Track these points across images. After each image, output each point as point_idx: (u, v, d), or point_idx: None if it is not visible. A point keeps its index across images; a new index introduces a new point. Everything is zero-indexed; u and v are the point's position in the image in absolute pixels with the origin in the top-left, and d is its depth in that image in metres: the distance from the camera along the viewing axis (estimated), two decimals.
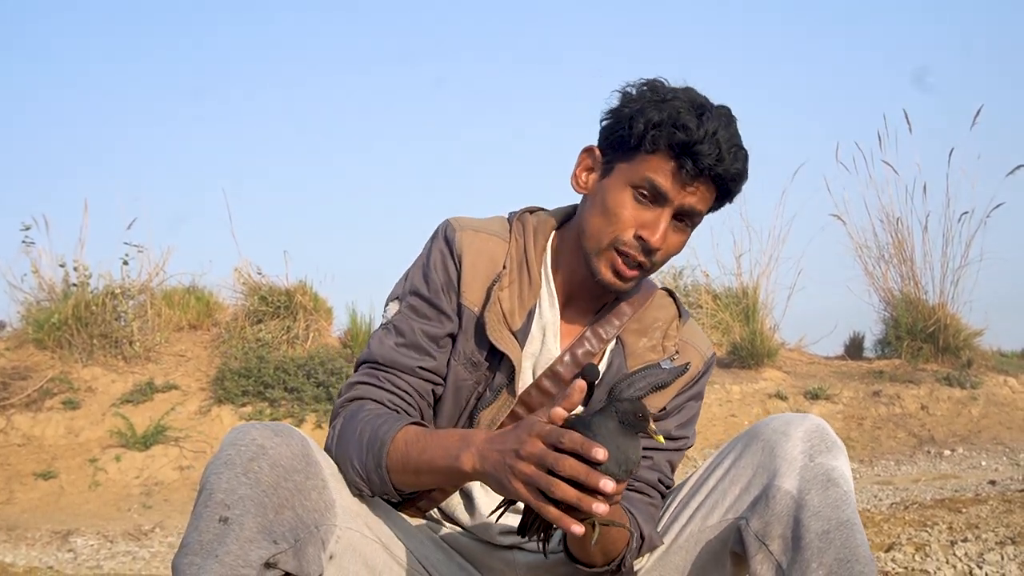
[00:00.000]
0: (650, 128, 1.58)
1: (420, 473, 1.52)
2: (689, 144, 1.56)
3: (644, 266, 1.65)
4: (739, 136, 1.62)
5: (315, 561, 1.47)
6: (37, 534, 5.07)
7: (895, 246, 9.61)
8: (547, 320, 1.72)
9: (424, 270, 1.71)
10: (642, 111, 1.60)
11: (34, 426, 6.48)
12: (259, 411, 6.73)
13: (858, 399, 8.26)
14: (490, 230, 1.74)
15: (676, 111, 1.58)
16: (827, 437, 1.59)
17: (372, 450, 1.53)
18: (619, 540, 1.58)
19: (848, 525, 1.51)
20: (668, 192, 1.59)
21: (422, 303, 1.69)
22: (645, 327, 1.76)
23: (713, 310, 9.35)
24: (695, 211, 1.63)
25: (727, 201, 1.68)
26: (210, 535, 1.40)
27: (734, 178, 1.62)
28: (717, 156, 1.57)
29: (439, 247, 1.71)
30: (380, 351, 1.67)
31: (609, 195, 1.64)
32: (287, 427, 1.52)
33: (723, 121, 1.59)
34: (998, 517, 4.00)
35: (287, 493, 1.45)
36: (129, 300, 7.71)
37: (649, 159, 1.60)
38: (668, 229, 1.62)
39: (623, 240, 1.62)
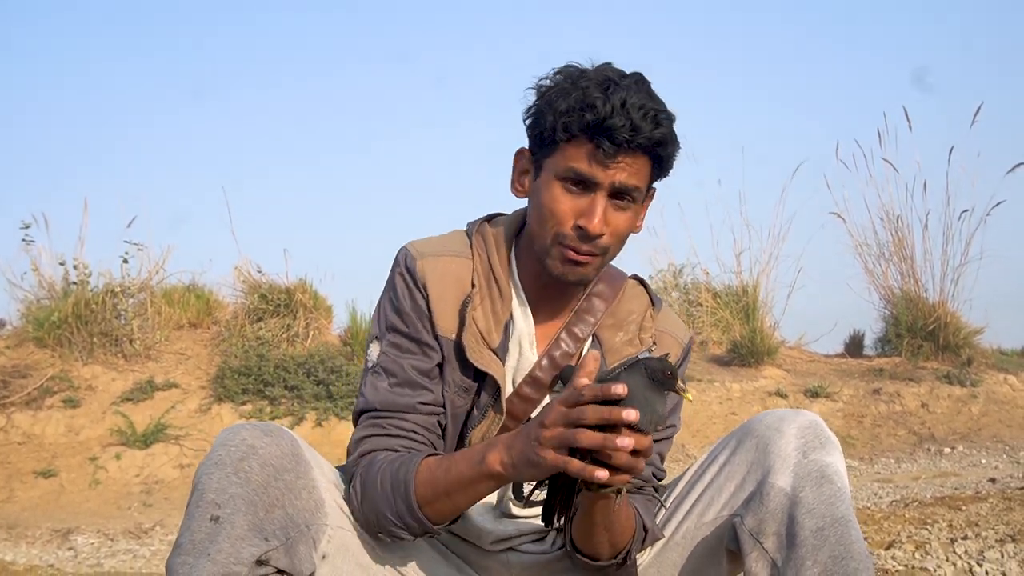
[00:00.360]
0: (560, 117, 1.56)
1: (451, 494, 1.51)
2: (600, 122, 1.52)
3: (594, 254, 1.61)
4: (654, 100, 1.57)
5: (307, 559, 1.49)
6: (37, 532, 5.07)
7: (895, 244, 9.61)
8: (521, 330, 1.70)
9: (394, 305, 1.68)
10: (550, 103, 1.58)
11: (34, 424, 6.48)
12: (259, 409, 6.73)
13: (858, 397, 8.26)
14: (451, 250, 1.71)
15: (582, 93, 1.54)
16: (821, 433, 1.59)
17: (399, 494, 1.52)
18: (626, 529, 1.59)
19: (843, 522, 1.51)
20: (593, 176, 1.56)
21: (402, 339, 1.66)
22: (620, 321, 1.74)
23: (713, 308, 9.35)
24: (630, 187, 1.58)
25: (666, 167, 1.63)
26: (202, 534, 1.41)
27: (659, 143, 1.56)
28: (631, 126, 1.52)
29: (402, 280, 1.68)
30: (376, 397, 1.64)
31: (543, 193, 1.61)
32: (277, 427, 1.53)
33: (632, 89, 1.54)
34: (998, 515, 4.00)
35: (277, 492, 1.46)
36: (129, 298, 7.70)
37: (568, 148, 1.57)
38: (605, 212, 1.57)
39: (564, 234, 1.59)
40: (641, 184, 1.60)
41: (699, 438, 7.25)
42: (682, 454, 6.94)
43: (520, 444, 1.42)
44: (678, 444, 7.16)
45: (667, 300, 9.60)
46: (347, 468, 1.62)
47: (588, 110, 1.53)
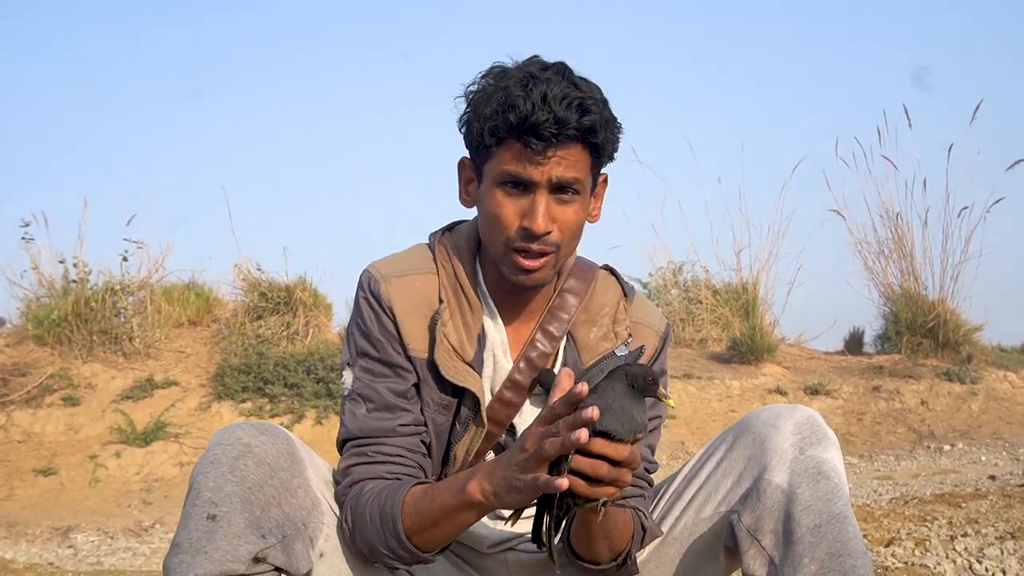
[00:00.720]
0: (486, 123, 1.53)
1: (438, 524, 1.50)
2: (524, 121, 1.49)
3: (547, 252, 1.58)
4: (579, 88, 1.52)
5: (303, 557, 1.49)
6: (37, 530, 5.08)
7: (895, 241, 9.61)
8: (494, 339, 1.68)
9: (362, 331, 1.65)
10: (476, 109, 1.56)
11: (34, 423, 6.48)
12: (259, 407, 6.73)
13: (858, 394, 8.26)
14: (415, 268, 1.68)
15: (503, 94, 1.52)
16: (817, 429, 1.58)
17: (388, 528, 1.51)
18: (624, 532, 1.58)
19: (840, 518, 1.50)
20: (528, 175, 1.53)
21: (374, 363, 1.64)
22: (593, 316, 1.72)
23: (713, 305, 9.36)
24: (569, 180, 1.54)
25: (606, 152, 1.60)
26: (199, 533, 1.42)
27: (589, 130, 1.52)
28: (555, 120, 1.48)
29: (368, 305, 1.65)
30: (356, 424, 1.63)
31: (486, 200, 1.59)
32: (272, 426, 1.53)
33: (553, 81, 1.51)
34: (998, 512, 4.00)
35: (273, 491, 1.47)
36: (129, 296, 7.71)
37: (499, 152, 1.55)
38: (548, 209, 1.54)
39: (512, 238, 1.56)
40: (581, 175, 1.56)
41: (699, 435, 7.25)
42: (681, 451, 6.94)
43: (501, 471, 1.41)
44: (677, 441, 7.16)
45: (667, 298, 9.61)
46: (336, 498, 1.60)
47: (510, 111, 1.50)
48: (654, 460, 1.76)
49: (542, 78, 1.51)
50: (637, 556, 1.66)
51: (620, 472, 1.34)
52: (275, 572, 1.47)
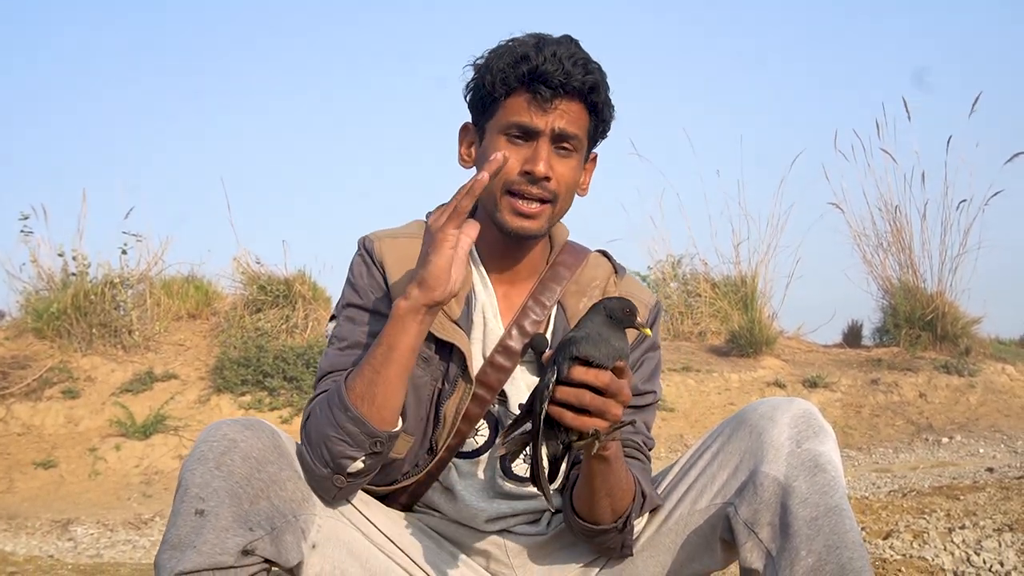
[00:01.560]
0: (499, 74, 1.64)
1: (378, 369, 1.51)
2: (535, 70, 1.62)
3: (544, 198, 1.66)
4: (584, 52, 1.66)
5: (294, 549, 1.51)
6: (37, 523, 5.08)
7: (893, 234, 9.62)
8: (483, 301, 1.74)
9: (352, 284, 1.73)
10: (488, 66, 1.67)
11: (34, 415, 6.48)
12: (258, 400, 6.73)
13: (856, 387, 8.27)
14: (407, 234, 1.76)
15: (517, 49, 1.64)
16: (814, 422, 1.59)
17: (334, 404, 1.53)
18: (626, 491, 1.60)
19: (836, 511, 1.51)
20: (534, 123, 1.64)
21: (357, 311, 1.70)
22: (583, 287, 1.77)
23: (712, 298, 9.36)
24: (569, 134, 1.65)
25: (602, 119, 1.72)
26: (187, 528, 1.44)
27: (591, 88, 1.65)
28: (563, 71, 1.61)
29: (360, 261, 1.74)
30: (327, 362, 1.68)
31: (488, 151, 1.67)
32: (258, 421, 1.55)
33: (563, 43, 1.65)
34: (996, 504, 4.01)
35: (261, 484, 1.49)
36: (128, 289, 7.71)
37: (507, 103, 1.66)
38: (550, 157, 1.65)
39: (512, 181, 1.65)
40: (580, 132, 1.68)
41: (698, 428, 7.27)
42: (680, 444, 6.95)
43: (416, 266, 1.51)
44: (676, 434, 7.17)
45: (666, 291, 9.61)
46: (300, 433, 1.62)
47: (523, 62, 1.62)
48: (650, 436, 1.80)
49: (552, 40, 1.65)
50: (636, 525, 1.67)
51: (606, 403, 1.37)
52: (265, 564, 1.48)
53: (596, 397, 1.36)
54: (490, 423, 1.71)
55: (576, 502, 1.64)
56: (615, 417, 1.39)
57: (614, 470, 1.55)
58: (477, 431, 1.71)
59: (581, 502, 1.62)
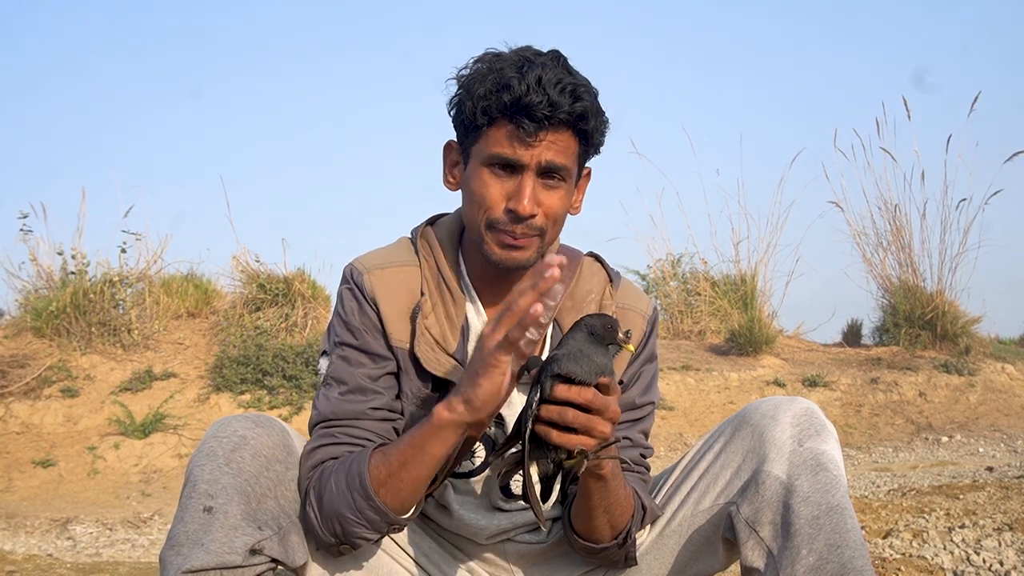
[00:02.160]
0: (479, 102, 1.54)
1: (407, 464, 1.47)
2: (518, 101, 1.50)
3: (531, 233, 1.58)
4: (572, 75, 1.55)
5: (299, 549, 1.50)
6: (36, 522, 5.07)
7: (893, 233, 9.62)
8: (477, 330, 1.68)
9: (343, 320, 1.65)
10: (468, 89, 1.56)
11: (33, 414, 6.47)
12: (258, 399, 6.73)
13: (856, 386, 8.26)
14: (398, 261, 1.68)
15: (498, 75, 1.53)
16: (816, 421, 1.58)
17: (354, 487, 1.48)
18: (625, 508, 1.59)
19: (838, 510, 1.50)
20: (517, 157, 1.54)
21: (352, 351, 1.63)
22: (578, 303, 1.72)
23: (711, 297, 9.36)
24: (558, 165, 1.55)
25: (593, 143, 1.61)
26: (196, 525, 1.42)
27: (580, 117, 1.54)
28: (549, 102, 1.50)
29: (351, 295, 1.65)
30: (327, 407, 1.61)
31: (472, 181, 1.59)
32: (268, 418, 1.53)
33: (548, 66, 1.52)
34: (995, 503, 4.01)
35: (269, 483, 1.47)
36: (127, 288, 7.70)
37: (490, 132, 1.55)
38: (535, 192, 1.55)
39: (496, 219, 1.57)
40: (568, 162, 1.57)
41: (697, 427, 7.26)
42: (680, 443, 6.95)
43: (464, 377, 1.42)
44: (675, 433, 7.17)
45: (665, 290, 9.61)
46: (300, 484, 1.56)
47: (505, 91, 1.51)
48: (648, 445, 1.77)
49: (537, 62, 1.53)
50: (637, 538, 1.66)
51: (591, 419, 1.35)
52: (271, 563, 1.47)
53: (580, 414, 1.34)
54: (486, 444, 1.68)
55: (574, 521, 1.62)
56: (602, 434, 1.36)
57: (611, 488, 1.53)
58: (474, 452, 1.68)
59: (579, 521, 1.61)
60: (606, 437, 1.38)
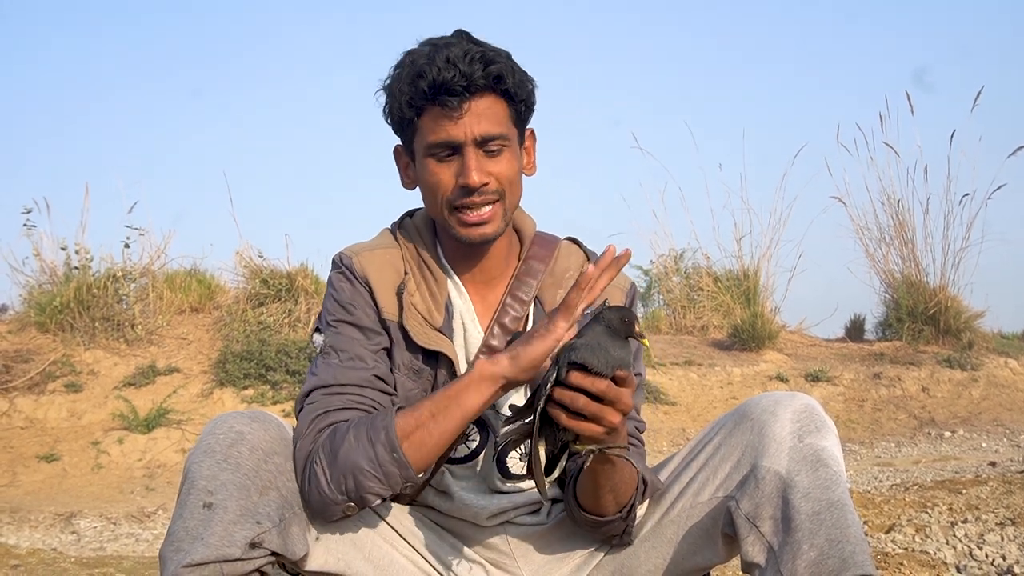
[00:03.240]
0: (402, 96, 1.61)
1: (436, 415, 1.51)
2: (434, 83, 1.56)
3: (490, 200, 1.63)
4: (479, 44, 1.60)
5: (300, 540, 1.51)
6: (40, 516, 5.09)
7: (896, 228, 9.62)
8: (460, 307, 1.72)
9: (336, 300, 1.68)
10: (392, 91, 1.63)
11: (37, 409, 6.49)
12: (261, 394, 6.74)
13: (859, 381, 8.27)
14: (381, 245, 1.74)
15: (411, 67, 1.59)
16: (816, 417, 1.59)
17: (378, 439, 1.50)
18: (629, 484, 1.60)
19: (839, 505, 1.50)
20: (452, 137, 1.60)
21: (346, 326, 1.66)
22: (558, 279, 1.76)
23: (714, 292, 9.36)
24: (492, 135, 1.61)
25: (522, 101, 1.65)
26: (195, 521, 1.43)
27: (496, 78, 1.59)
28: (461, 73, 1.56)
29: (341, 277, 1.69)
30: (328, 373, 1.62)
31: (422, 175, 1.66)
32: (264, 413, 1.55)
33: (453, 43, 1.59)
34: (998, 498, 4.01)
35: (269, 476, 1.48)
36: (131, 283, 7.71)
37: (421, 123, 1.62)
38: (479, 163, 1.61)
39: (451, 198, 1.63)
40: (502, 128, 1.63)
41: (700, 422, 7.27)
42: (682, 438, 6.96)
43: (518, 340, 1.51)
44: (678, 428, 7.17)
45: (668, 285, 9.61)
46: (301, 452, 1.54)
47: (420, 78, 1.57)
48: (641, 419, 1.80)
49: (443, 44, 1.59)
50: (638, 513, 1.68)
51: (602, 409, 1.38)
52: (271, 556, 1.48)
53: (591, 403, 1.37)
54: (480, 427, 1.70)
55: (580, 497, 1.64)
56: (611, 424, 1.39)
57: (618, 469, 1.56)
58: (468, 436, 1.70)
59: (585, 497, 1.63)
60: (614, 426, 1.40)
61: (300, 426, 1.58)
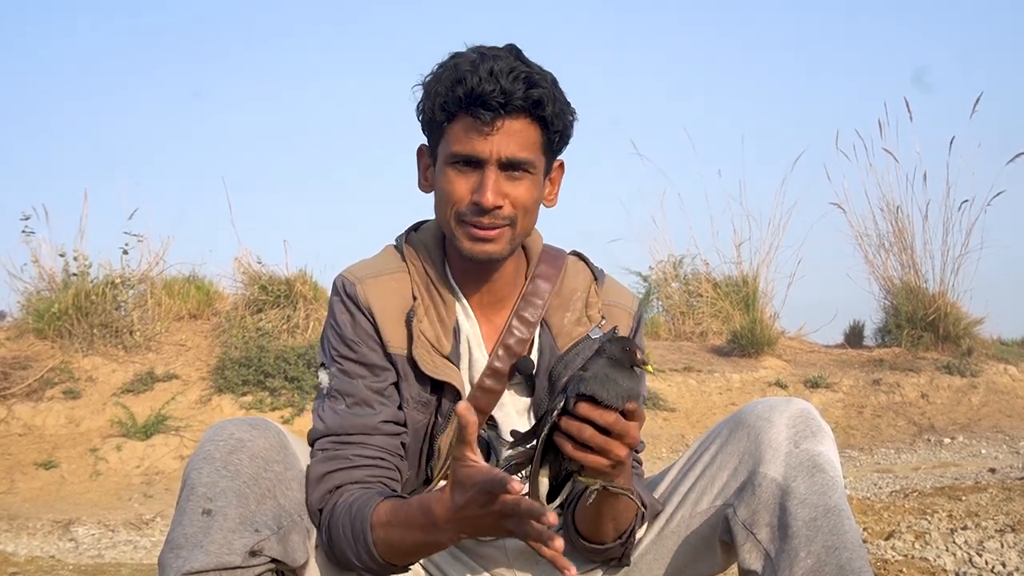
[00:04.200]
0: (437, 99, 1.57)
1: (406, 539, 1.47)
2: (471, 92, 1.52)
3: (499, 224, 1.59)
4: (527, 64, 1.56)
5: (300, 548, 1.50)
6: (38, 524, 5.08)
7: (895, 234, 9.62)
8: (467, 332, 1.70)
9: (338, 332, 1.66)
10: (428, 91, 1.59)
11: (35, 416, 6.48)
12: (260, 400, 6.73)
13: (858, 387, 8.26)
14: (387, 269, 1.70)
15: (454, 71, 1.55)
16: (812, 422, 1.58)
17: (359, 542, 1.49)
18: (629, 512, 1.59)
19: (835, 511, 1.50)
20: (476, 151, 1.56)
21: (351, 364, 1.64)
22: (565, 301, 1.73)
23: (713, 298, 9.36)
24: (520, 160, 1.57)
25: (556, 131, 1.61)
26: (194, 528, 1.42)
27: (536, 103, 1.55)
28: (502, 90, 1.52)
29: (344, 307, 1.66)
30: (335, 420, 1.61)
31: (439, 181, 1.62)
32: (264, 420, 1.54)
33: (502, 57, 1.54)
34: (998, 505, 4.00)
35: (268, 484, 1.48)
36: (129, 290, 7.70)
37: (450, 129, 1.58)
38: (498, 184, 1.56)
39: (462, 213, 1.59)
40: (531, 155, 1.58)
41: (699, 428, 7.26)
42: (681, 444, 6.95)
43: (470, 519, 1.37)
44: (677, 434, 7.16)
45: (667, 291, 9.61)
46: (312, 506, 1.56)
47: (459, 85, 1.53)
48: (641, 440, 1.78)
49: (491, 55, 1.55)
50: (637, 534, 1.67)
51: (608, 442, 1.35)
52: (271, 564, 1.47)
53: (598, 435, 1.35)
54: (481, 447, 1.69)
55: (579, 525, 1.64)
56: (618, 457, 1.37)
57: (619, 499, 1.54)
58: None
59: (585, 525, 1.62)
60: (621, 460, 1.38)
61: (310, 475, 1.58)
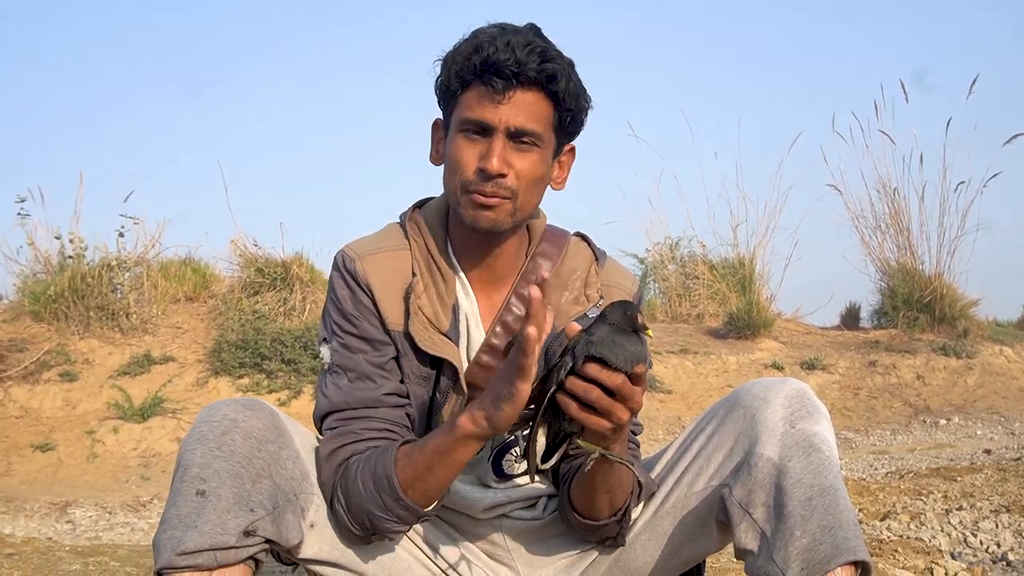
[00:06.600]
0: (453, 66, 1.59)
1: (433, 468, 1.50)
2: (488, 60, 1.54)
3: (502, 194, 1.59)
4: (544, 40, 1.58)
5: (294, 528, 1.50)
6: (36, 506, 5.09)
7: (892, 216, 9.63)
8: (466, 309, 1.70)
9: (338, 307, 1.67)
10: (446, 61, 1.61)
11: (31, 398, 6.48)
12: (256, 383, 6.73)
13: (854, 369, 8.28)
14: (388, 246, 1.70)
15: (473, 43, 1.57)
16: (808, 402, 1.59)
17: (383, 488, 1.51)
18: (624, 487, 1.60)
19: (831, 491, 1.50)
20: (486, 118, 1.57)
21: (351, 339, 1.65)
22: (564, 280, 1.74)
23: (710, 281, 9.37)
24: (527, 130, 1.58)
25: (568, 110, 1.62)
26: (188, 508, 1.43)
27: (549, 77, 1.57)
28: (516, 60, 1.54)
29: (343, 282, 1.67)
30: (339, 396, 1.63)
31: (449, 149, 1.63)
32: (257, 401, 1.54)
33: (522, 31, 1.57)
34: (993, 486, 4.02)
35: (262, 463, 1.48)
36: (125, 272, 7.69)
37: (465, 97, 1.59)
38: (504, 152, 1.57)
39: (469, 180, 1.59)
40: (540, 128, 1.59)
41: (695, 410, 7.28)
42: (678, 426, 6.96)
43: (486, 394, 1.44)
44: (674, 416, 7.18)
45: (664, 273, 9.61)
46: (325, 482, 1.58)
47: (476, 54, 1.55)
48: (638, 422, 1.78)
49: (511, 30, 1.57)
50: (633, 514, 1.68)
51: (613, 404, 1.36)
52: (265, 543, 1.48)
53: (604, 396, 1.36)
54: None
55: (574, 500, 1.64)
56: (620, 420, 1.38)
57: (615, 470, 1.55)
58: None
59: (580, 500, 1.63)
60: (622, 423, 1.39)
61: (320, 454, 1.60)
